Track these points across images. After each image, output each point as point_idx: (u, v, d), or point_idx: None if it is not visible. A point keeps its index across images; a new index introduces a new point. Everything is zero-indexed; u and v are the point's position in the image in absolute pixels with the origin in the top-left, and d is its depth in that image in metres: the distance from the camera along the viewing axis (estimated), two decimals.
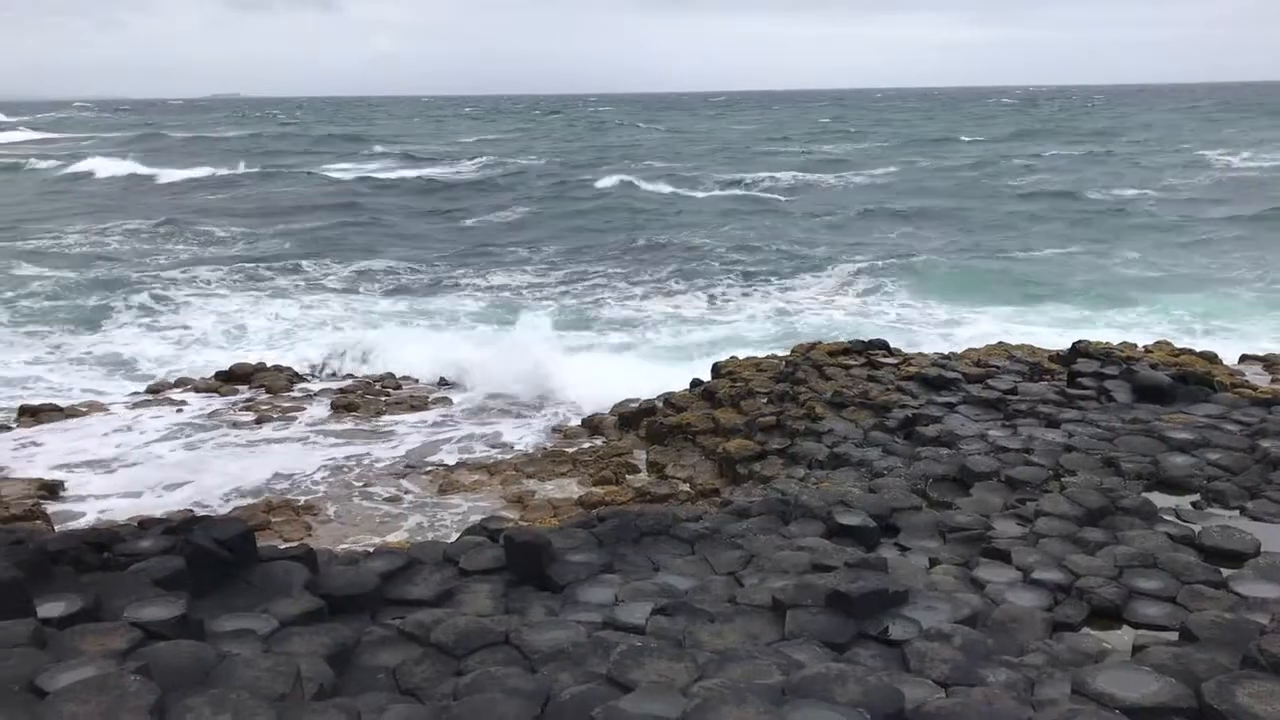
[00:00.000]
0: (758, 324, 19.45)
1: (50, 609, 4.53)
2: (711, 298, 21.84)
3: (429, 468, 11.47)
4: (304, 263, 25.80)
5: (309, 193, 43.04)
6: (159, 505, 10.38)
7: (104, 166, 52.17)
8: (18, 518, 9.51)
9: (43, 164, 55.73)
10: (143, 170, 51.34)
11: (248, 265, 25.69)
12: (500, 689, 4.08)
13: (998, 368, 10.86)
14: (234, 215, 34.98)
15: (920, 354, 12.14)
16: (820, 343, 12.48)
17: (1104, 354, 11.05)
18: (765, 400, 11.03)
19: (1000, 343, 12.95)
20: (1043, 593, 5.67)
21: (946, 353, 12.37)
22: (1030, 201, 37.52)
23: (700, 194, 42.15)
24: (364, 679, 4.58)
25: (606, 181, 44.65)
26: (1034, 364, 11.03)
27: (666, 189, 43.22)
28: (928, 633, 4.91)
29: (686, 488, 10.07)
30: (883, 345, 12.10)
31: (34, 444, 12.25)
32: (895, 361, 11.39)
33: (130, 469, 11.57)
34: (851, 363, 11.43)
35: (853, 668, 4.26)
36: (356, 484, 11.03)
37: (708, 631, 4.85)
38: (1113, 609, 5.51)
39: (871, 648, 4.87)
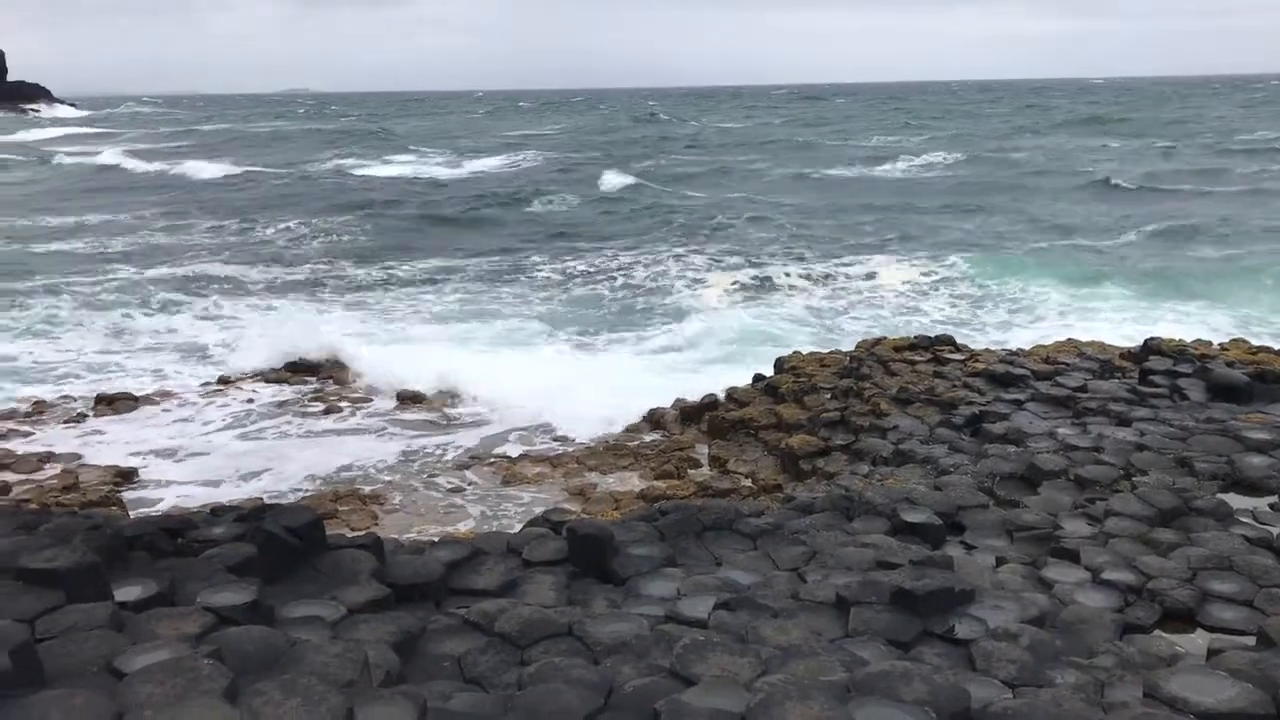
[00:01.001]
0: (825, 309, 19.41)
1: (126, 593, 4.64)
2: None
3: (492, 459, 11.57)
4: (390, 263, 25.98)
5: (373, 189, 43.53)
6: (229, 493, 10.60)
7: (196, 167, 52.93)
8: (94, 503, 9.77)
9: (136, 164, 56.73)
10: (232, 169, 52.18)
11: (314, 261, 26.10)
12: (564, 680, 4.10)
13: (1067, 365, 10.67)
14: (307, 211, 35.38)
15: (987, 350, 11.98)
16: (885, 338, 12.37)
17: (1177, 351, 10.80)
18: (829, 396, 10.95)
19: (1069, 339, 12.72)
20: (1113, 594, 5.57)
21: (1014, 349, 12.19)
22: (1103, 194, 36.80)
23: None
24: (429, 667, 4.63)
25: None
26: (1104, 361, 10.81)
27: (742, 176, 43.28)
28: (994, 632, 4.85)
29: (748, 483, 10.04)
30: (949, 341, 11.95)
31: (110, 432, 12.56)
32: (962, 357, 11.24)
33: (201, 457, 11.82)
34: (917, 358, 11.31)
35: (918, 666, 4.22)
36: (421, 474, 11.17)
37: (771, 627, 4.83)
38: (1186, 612, 5.39)
39: (937, 646, 4.81)
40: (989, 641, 4.73)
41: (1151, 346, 11.08)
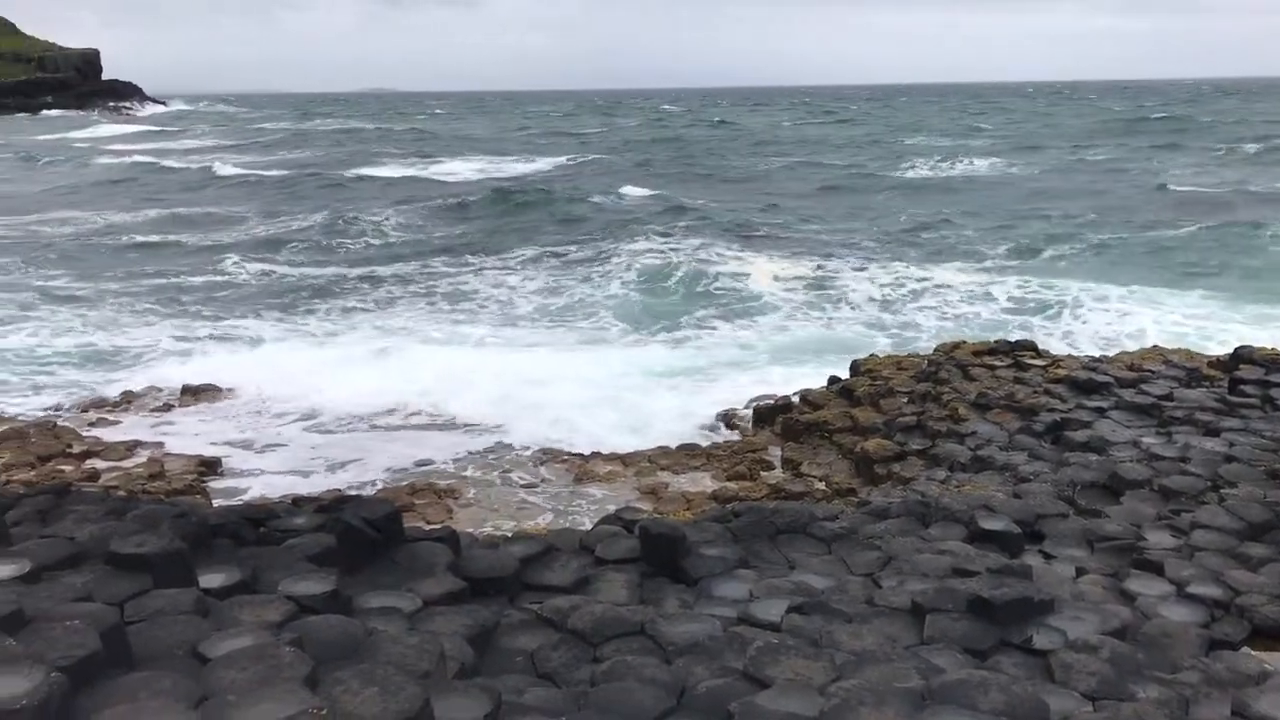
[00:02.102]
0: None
1: (210, 579, 4.75)
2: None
3: (565, 457, 11.63)
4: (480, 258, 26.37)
5: (449, 187, 44.04)
6: (308, 484, 10.79)
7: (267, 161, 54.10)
8: (179, 492, 10.03)
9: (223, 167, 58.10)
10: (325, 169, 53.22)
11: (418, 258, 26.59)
12: (637, 678, 4.11)
13: (1152, 372, 10.41)
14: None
15: (1070, 356, 11.74)
16: (964, 342, 12.19)
17: (1270, 360, 10.48)
18: (906, 400, 10.82)
19: (1155, 346, 12.43)
20: (1199, 608, 5.43)
21: (1097, 355, 11.93)
22: (1186, 200, 35.83)
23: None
24: (502, 661, 4.67)
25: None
26: (1192, 369, 10.54)
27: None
28: (1074, 644, 4.75)
29: (822, 486, 9.97)
30: (1030, 346, 11.75)
31: (194, 422, 12.87)
32: (1043, 363, 11.04)
33: (281, 449, 12.05)
34: (997, 363, 11.13)
35: (995, 675, 4.15)
36: (495, 470, 11.27)
37: (845, 632, 4.79)
38: (1276, 629, 5.23)
39: (1014, 656, 4.74)
40: (1068, 653, 4.64)
41: (1242, 355, 10.77)
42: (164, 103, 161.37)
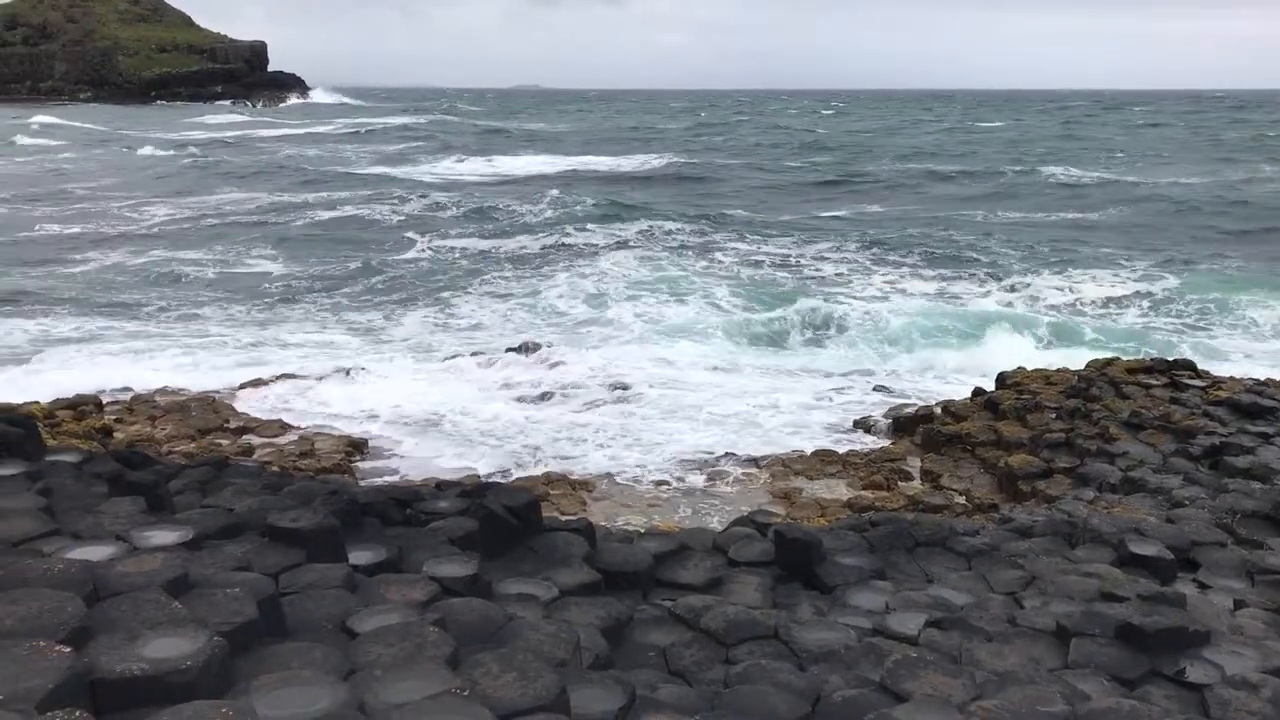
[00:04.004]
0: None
1: (359, 556, 4.91)
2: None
3: (698, 456, 11.63)
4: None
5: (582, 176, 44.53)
6: (448, 469, 11.07)
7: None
8: (327, 470, 10.41)
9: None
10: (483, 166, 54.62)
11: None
12: (771, 682, 4.08)
13: None
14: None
15: (1232, 378, 11.18)
16: (1118, 358, 11.74)
17: None
18: (1054, 415, 10.48)
19: None
20: None
21: (1263, 378, 11.33)
22: None
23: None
24: (635, 655, 4.70)
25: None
26: None
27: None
28: (1232, 679, 4.52)
29: (962, 500, 9.74)
30: (1189, 365, 11.24)
31: (344, 403, 13.34)
32: (1203, 384, 10.55)
33: (424, 433, 12.39)
34: (1153, 382, 10.68)
35: (1146, 706, 3.99)
36: (630, 465, 11.35)
37: (986, 650, 4.66)
38: None
39: (1166, 688, 4.54)
40: (1225, 689, 4.42)
41: None
42: (305, 93, 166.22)
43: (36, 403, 12.19)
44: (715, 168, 51.90)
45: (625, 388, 14.05)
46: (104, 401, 12.74)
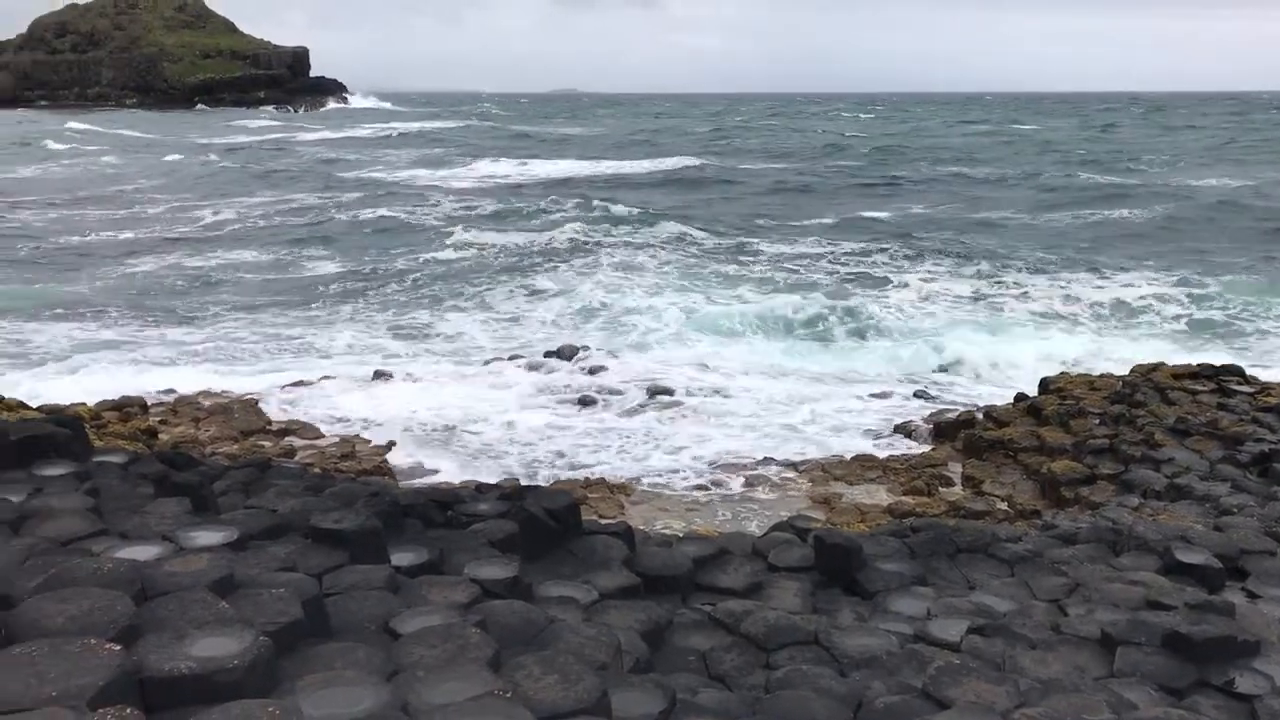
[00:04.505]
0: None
1: (401, 558, 4.94)
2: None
3: (736, 460, 11.61)
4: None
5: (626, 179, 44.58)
6: (485, 471, 11.12)
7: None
8: (368, 472, 10.49)
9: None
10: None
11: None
12: (812, 688, 4.07)
13: None
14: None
15: None
16: (1163, 363, 11.59)
17: None
18: (1098, 421, 10.36)
19: None
20: None
21: None
22: None
23: None
24: (675, 659, 4.69)
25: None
26: None
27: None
28: None
29: (1004, 506, 9.64)
30: (1237, 371, 11.08)
31: (383, 406, 13.43)
32: (1251, 390, 10.39)
33: (462, 436, 12.45)
34: (1199, 388, 10.54)
35: (1195, 716, 3.93)
36: (667, 469, 11.35)
37: (1029, 658, 4.62)
38: None
39: (1214, 698, 4.47)
40: (1276, 699, 4.35)
41: None
42: (344, 98, 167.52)
43: (83, 404, 12.39)
44: (747, 171, 51.82)
45: (663, 392, 14.05)
46: (148, 403, 12.92)
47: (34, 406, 11.96)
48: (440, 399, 13.77)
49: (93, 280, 23.03)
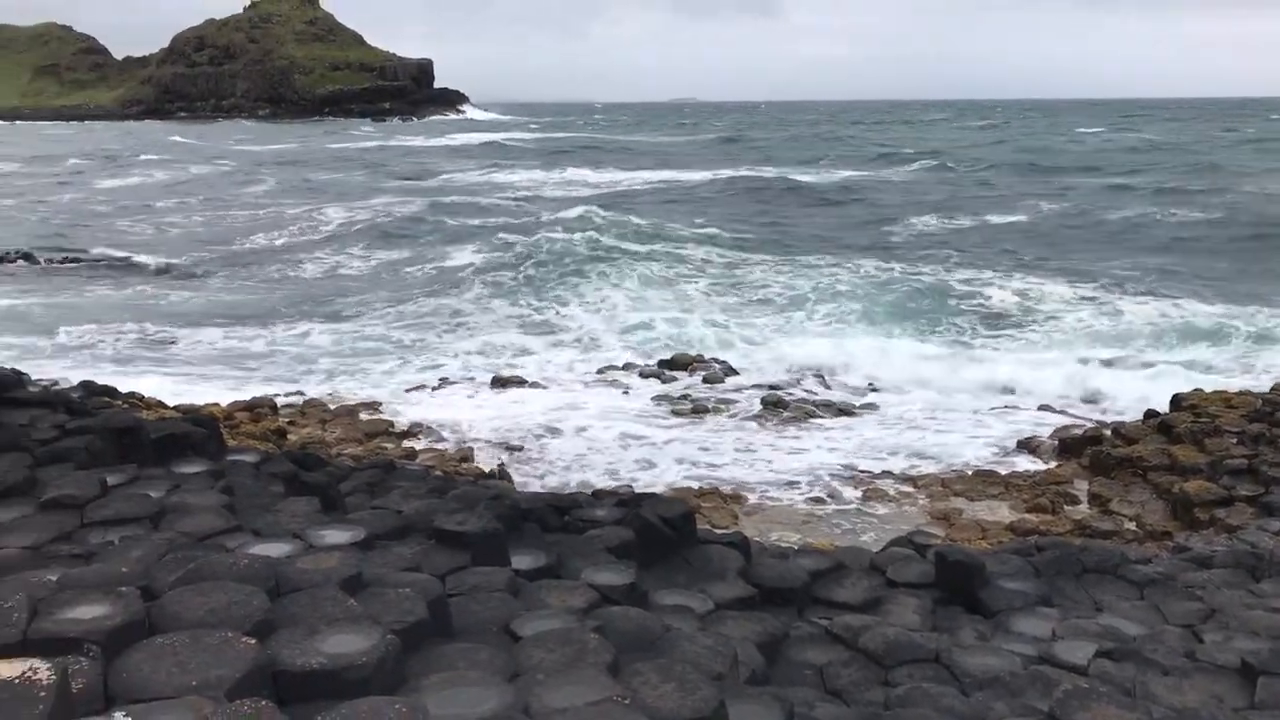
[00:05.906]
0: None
1: (521, 561, 5.01)
2: None
3: (854, 473, 11.46)
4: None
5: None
6: (601, 476, 11.20)
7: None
8: (486, 475, 10.66)
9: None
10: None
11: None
12: (934, 707, 3.99)
13: None
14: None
15: None
16: None
17: None
18: (1235, 441, 9.94)
19: None
20: None
21: None
22: None
23: None
24: (790, 672, 4.65)
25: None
26: None
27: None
28: None
29: (1132, 526, 9.32)
30: None
31: (502, 410, 13.66)
32: None
33: (578, 442, 12.56)
34: None
35: None
36: (781, 481, 11.26)
37: (1163, 685, 4.45)
38: None
39: None
40: None
41: None
42: (485, 108, 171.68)
43: (217, 404, 12.90)
44: (877, 181, 51.15)
45: (778, 404, 13.95)
46: (278, 404, 13.38)
47: (171, 406, 12.51)
48: (556, 403, 13.93)
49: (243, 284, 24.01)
